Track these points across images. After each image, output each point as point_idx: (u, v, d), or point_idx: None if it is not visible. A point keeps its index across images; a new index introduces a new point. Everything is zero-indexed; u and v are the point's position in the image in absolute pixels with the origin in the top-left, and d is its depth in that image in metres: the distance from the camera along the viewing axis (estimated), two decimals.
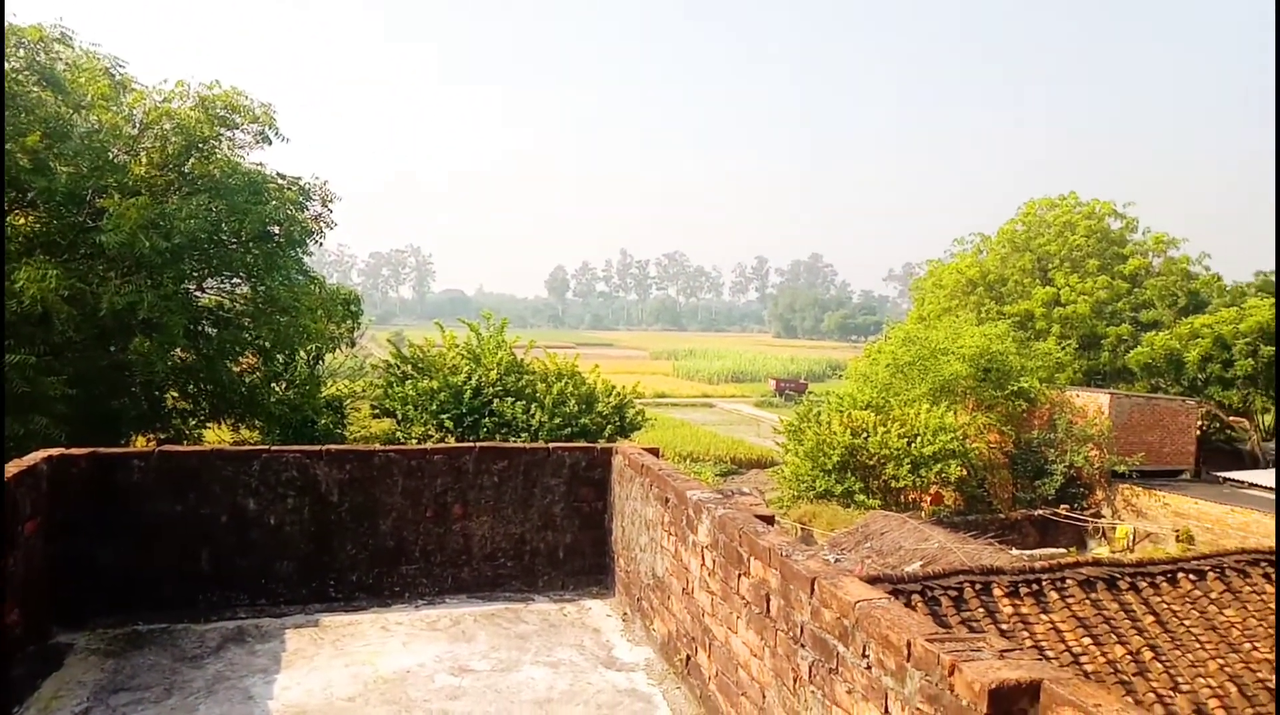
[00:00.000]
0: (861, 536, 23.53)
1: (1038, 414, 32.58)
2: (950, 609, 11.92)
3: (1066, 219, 41.94)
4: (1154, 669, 11.17)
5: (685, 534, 5.60)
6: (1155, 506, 29.35)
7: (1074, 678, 2.79)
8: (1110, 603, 12.25)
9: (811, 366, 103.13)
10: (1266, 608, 12.61)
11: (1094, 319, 39.30)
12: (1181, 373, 36.20)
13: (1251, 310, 35.08)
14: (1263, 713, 10.83)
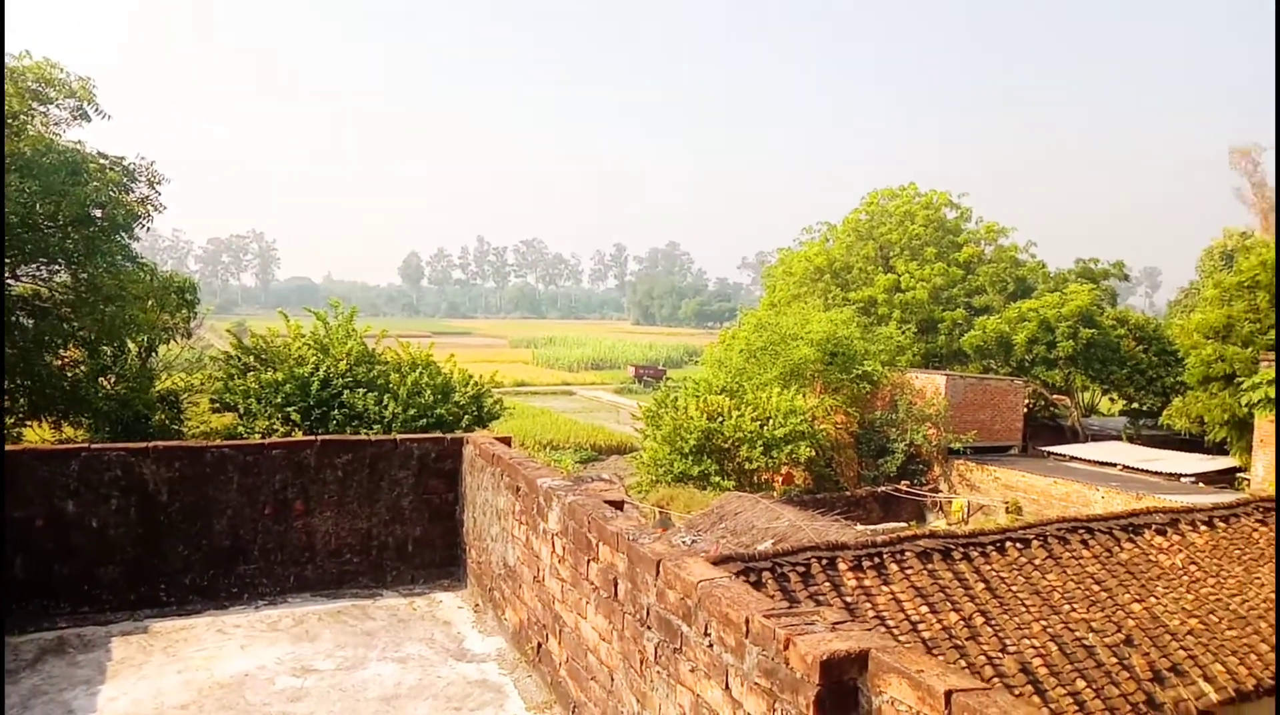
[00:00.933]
0: (717, 517, 24.12)
1: (880, 395, 34.26)
2: (799, 584, 12.37)
3: (906, 209, 44.22)
4: (984, 633, 11.97)
5: (536, 522, 5.54)
6: (987, 480, 31.45)
7: (899, 646, 2.92)
8: (945, 572, 13.03)
9: (670, 353, 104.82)
10: (1084, 571, 13.73)
11: (932, 304, 41.66)
12: (1010, 354, 38.88)
13: (1072, 295, 38.05)
14: (1080, 668, 11.80)
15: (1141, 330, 39.10)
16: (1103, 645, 12.11)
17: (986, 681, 11.04)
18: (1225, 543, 14.94)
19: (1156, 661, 12.07)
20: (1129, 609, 12.88)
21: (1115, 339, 37.68)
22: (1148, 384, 38.01)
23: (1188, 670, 12.10)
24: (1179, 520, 15.17)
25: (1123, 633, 12.40)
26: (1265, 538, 15.34)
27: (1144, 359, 37.86)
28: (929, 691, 2.57)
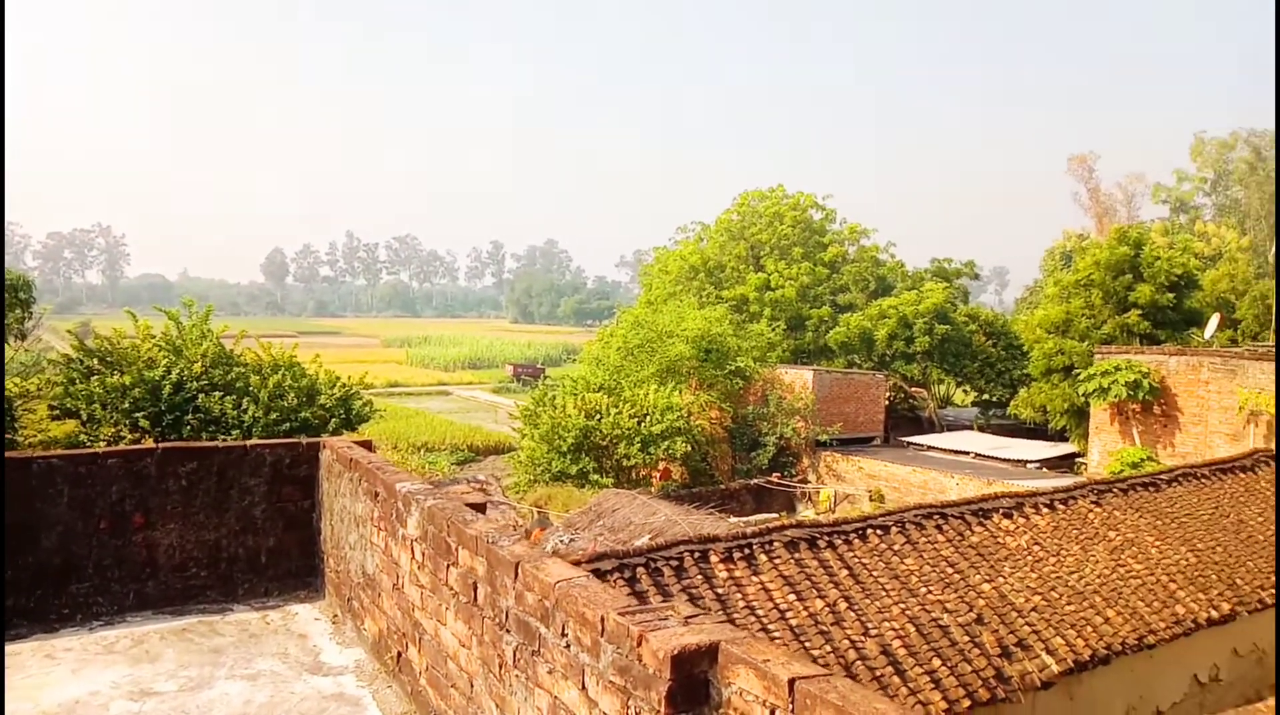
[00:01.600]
0: (595, 515, 24.16)
1: (752, 391, 35.13)
2: (672, 578, 12.52)
3: (775, 210, 45.50)
4: (848, 618, 12.43)
5: (395, 528, 5.38)
6: (852, 471, 32.72)
7: (748, 638, 2.97)
8: (811, 561, 13.46)
9: (549, 351, 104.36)
10: (938, 555, 14.44)
11: (800, 302, 43.00)
12: (872, 349, 40.58)
13: (928, 293, 40.02)
14: (936, 647, 12.41)
15: (991, 326, 41.54)
16: (956, 624, 12.77)
17: (850, 665, 11.47)
18: (1064, 523, 16.02)
19: (1004, 637, 12.82)
20: (979, 589, 13.63)
21: (967, 334, 39.89)
22: (997, 376, 40.41)
23: (1032, 644, 12.91)
24: (1024, 504, 16.16)
25: (974, 612, 13.11)
26: (1099, 518, 16.53)
27: (993, 353, 40.24)
28: (774, 680, 2.62)
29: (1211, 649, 15.31)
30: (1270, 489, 19.89)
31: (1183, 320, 32.03)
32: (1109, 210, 70.89)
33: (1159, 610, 14.50)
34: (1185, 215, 69.43)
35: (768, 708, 2.63)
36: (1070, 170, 72.83)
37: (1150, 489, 18.12)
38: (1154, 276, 31.24)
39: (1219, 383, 23.86)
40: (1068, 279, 34.55)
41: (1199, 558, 16.16)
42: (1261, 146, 69.49)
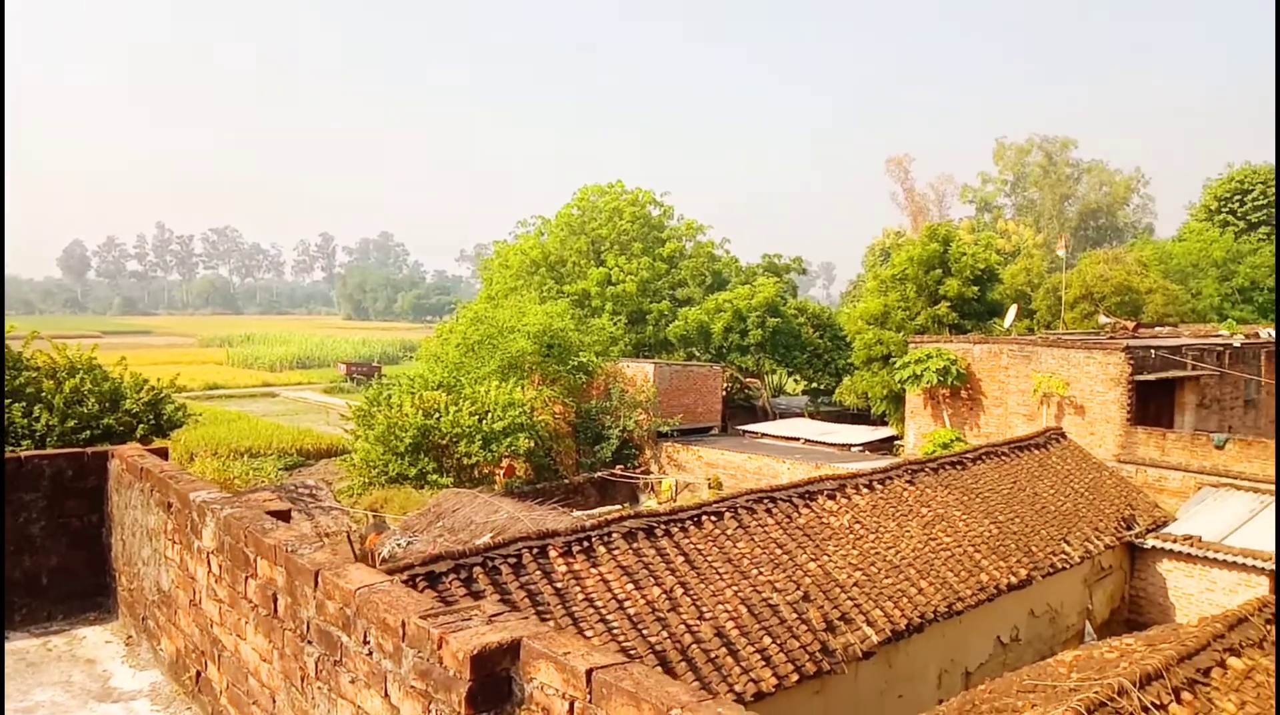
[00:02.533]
0: (434, 516, 23.57)
1: (595, 385, 35.32)
2: (510, 576, 12.40)
3: (615, 205, 45.89)
4: (684, 603, 12.70)
5: (190, 540, 5.02)
6: (692, 460, 33.51)
7: (551, 632, 2.95)
8: (649, 550, 13.67)
9: (385, 348, 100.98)
10: (769, 537, 14.99)
11: (640, 297, 43.60)
12: (710, 342, 41.69)
13: (761, 288, 41.50)
14: (766, 625, 12.88)
15: (818, 318, 43.61)
16: (785, 603, 13.32)
17: (686, 649, 11.73)
18: (882, 502, 17.02)
19: (829, 612, 13.48)
20: (806, 568, 14.27)
21: (797, 327, 41.69)
22: (824, 366, 42.48)
23: (854, 618, 13.64)
24: (846, 485, 17.05)
25: (801, 589, 13.71)
26: (913, 496, 17.67)
27: (820, 344, 42.25)
28: (572, 672, 2.61)
29: (1012, 612, 16.69)
30: (1060, 463, 21.90)
31: (986, 311, 34.70)
32: (923, 209, 75.82)
33: (966, 579, 15.65)
34: (989, 214, 75.24)
35: (567, 700, 2.62)
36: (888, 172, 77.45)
37: (957, 467, 19.54)
38: (961, 271, 33.67)
39: (1017, 368, 26.02)
40: (885, 274, 36.69)
41: (1000, 529, 17.57)
42: (1053, 151, 76.28)
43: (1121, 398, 23.26)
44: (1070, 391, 24.28)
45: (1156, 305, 43.71)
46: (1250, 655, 9.38)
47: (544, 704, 2.70)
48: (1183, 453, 22.31)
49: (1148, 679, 8.33)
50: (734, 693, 11.29)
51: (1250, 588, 17.91)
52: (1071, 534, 18.51)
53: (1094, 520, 19.47)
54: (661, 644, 11.72)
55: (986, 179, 77.40)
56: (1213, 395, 26.45)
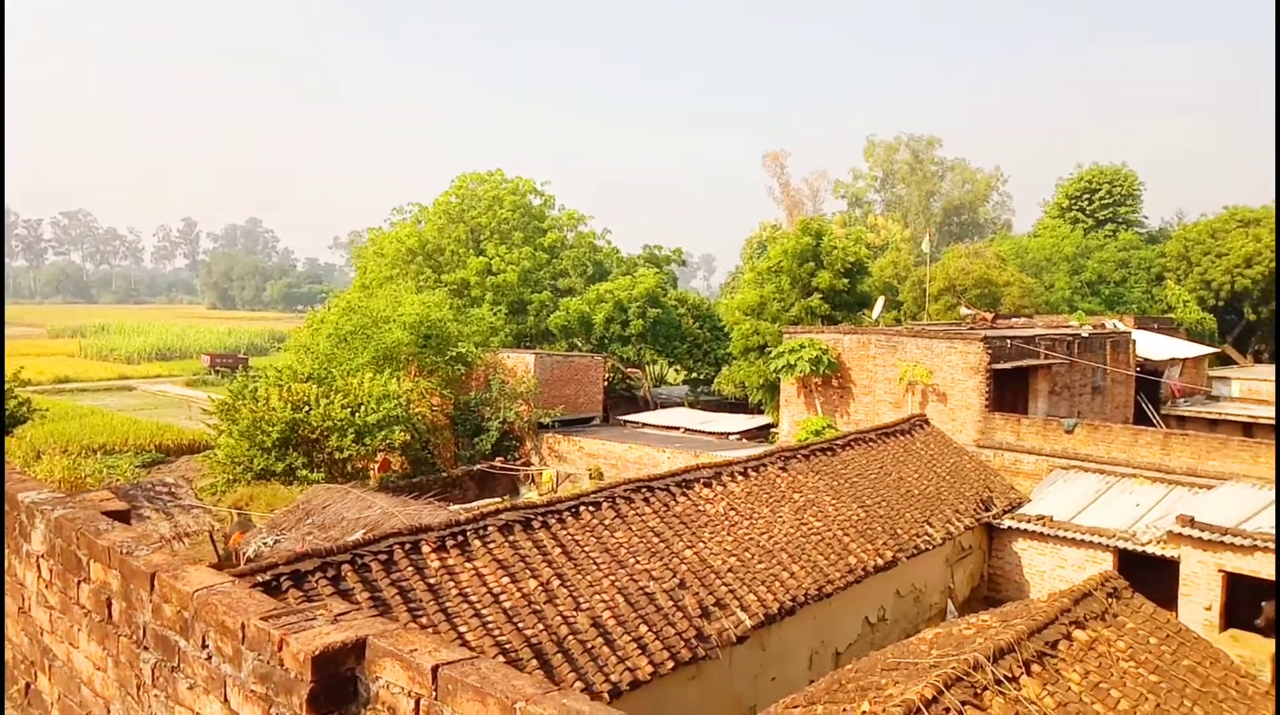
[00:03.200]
0: (303, 513, 22.70)
1: (475, 376, 34.77)
2: (381, 573, 12.06)
3: (495, 194, 45.26)
4: (561, 595, 12.66)
5: (19, 544, 4.63)
6: (574, 451, 33.45)
7: (399, 629, 2.84)
8: (526, 542, 13.56)
9: (253, 339, 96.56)
10: (646, 526, 15.10)
11: (521, 287, 43.18)
12: (591, 332, 41.70)
13: (641, 278, 41.76)
14: (643, 614, 12.98)
15: (698, 309, 44.27)
16: (661, 591, 13.46)
17: (562, 641, 11.68)
18: (756, 489, 17.43)
19: (704, 599, 13.70)
20: (682, 555, 14.46)
21: (678, 317, 42.21)
22: (704, 356, 43.18)
23: (729, 603, 13.92)
24: (721, 473, 17.37)
25: (677, 577, 13.89)
26: (786, 482, 18.16)
27: (700, 334, 42.93)
28: (418, 670, 2.52)
29: (879, 593, 17.39)
30: (924, 448, 22.95)
31: (856, 302, 36.00)
32: (798, 203, 77.97)
33: (835, 562, 16.21)
34: (860, 209, 78.06)
35: (413, 698, 2.53)
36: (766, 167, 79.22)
37: (828, 454, 20.21)
38: (832, 264, 34.80)
39: (884, 357, 27.11)
40: (762, 266, 37.56)
41: (867, 512, 18.27)
42: (919, 149, 79.75)
43: (980, 385, 24.55)
44: (934, 380, 25.46)
45: (1013, 297, 46.38)
46: (1094, 627, 10.05)
47: (390, 703, 2.60)
48: (1036, 437, 23.74)
49: (1001, 653, 8.82)
50: (610, 682, 11.34)
51: (1096, 563, 19.24)
52: (934, 516, 19.44)
53: (955, 502, 20.50)
54: (537, 637, 11.64)
55: (858, 175, 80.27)
56: (1063, 382, 28.26)
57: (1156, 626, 10.36)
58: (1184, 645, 10.18)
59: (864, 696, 8.45)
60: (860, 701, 8.26)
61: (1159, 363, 33.89)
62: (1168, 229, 64.76)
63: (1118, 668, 9.23)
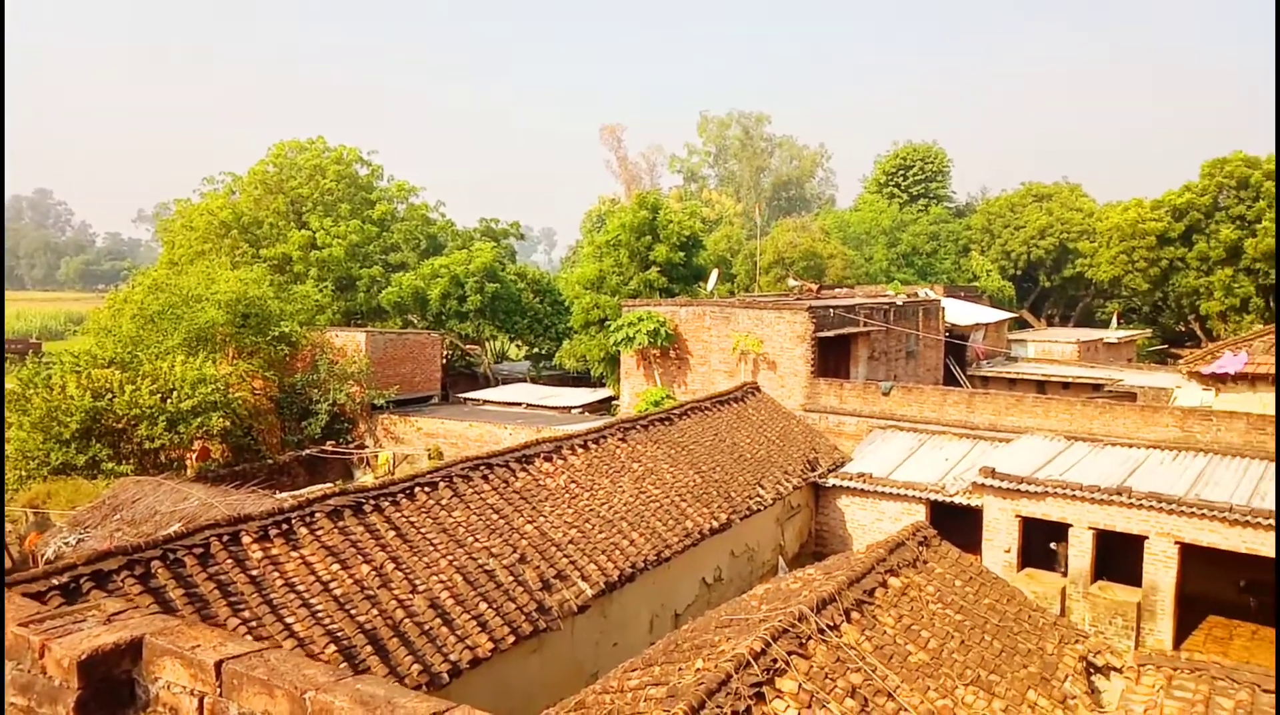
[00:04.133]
0: (110, 509, 20.97)
1: (300, 357, 33.10)
2: (196, 568, 11.29)
3: (317, 163, 42.99)
4: (395, 578, 12.29)
5: None
6: (411, 431, 32.53)
7: (180, 626, 2.61)
8: (357, 527, 13.06)
9: (46, 322, 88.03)
10: (485, 504, 14.87)
11: (349, 261, 41.37)
12: (426, 308, 40.56)
13: (478, 252, 40.91)
14: (483, 591, 12.80)
15: (538, 283, 43.93)
16: (501, 567, 13.33)
17: (398, 624, 11.36)
18: (596, 461, 17.53)
19: (545, 572, 13.69)
20: (522, 530, 14.37)
21: (517, 292, 41.72)
22: (545, 331, 42.96)
23: (570, 574, 13.97)
24: (562, 446, 17.36)
25: (518, 552, 13.79)
26: (625, 452, 18.38)
27: (541, 309, 42.64)
28: (200, 667, 2.32)
29: (714, 554, 17.96)
30: (756, 414, 23.78)
31: (691, 275, 36.76)
32: (636, 178, 78.68)
33: (673, 527, 16.58)
34: (695, 184, 79.66)
35: (196, 696, 2.33)
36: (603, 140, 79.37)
37: (666, 423, 20.60)
38: (669, 237, 35.33)
39: (718, 328, 27.85)
40: (601, 240, 37.63)
41: (703, 478, 18.78)
42: (749, 126, 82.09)
43: (806, 353, 25.67)
44: (764, 349, 26.40)
45: (837, 269, 48.75)
46: (906, 574, 10.74)
47: (171, 703, 2.39)
48: (857, 400, 25.10)
49: (823, 604, 9.27)
50: (449, 662, 11.14)
51: (911, 515, 20.62)
52: (765, 478, 20.22)
53: (784, 464, 21.40)
54: (372, 622, 11.27)
55: (692, 150, 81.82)
56: (881, 348, 29.99)
57: (961, 570, 11.20)
58: (985, 585, 11.06)
59: (699, 654, 8.68)
60: (695, 659, 8.48)
61: (965, 328, 36.58)
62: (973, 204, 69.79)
63: (927, 610, 9.91)
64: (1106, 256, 49.28)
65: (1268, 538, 16.14)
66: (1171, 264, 46.59)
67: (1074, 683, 9.58)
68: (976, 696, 8.76)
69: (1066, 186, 59.64)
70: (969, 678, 9.01)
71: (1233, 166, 44.44)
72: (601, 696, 8.50)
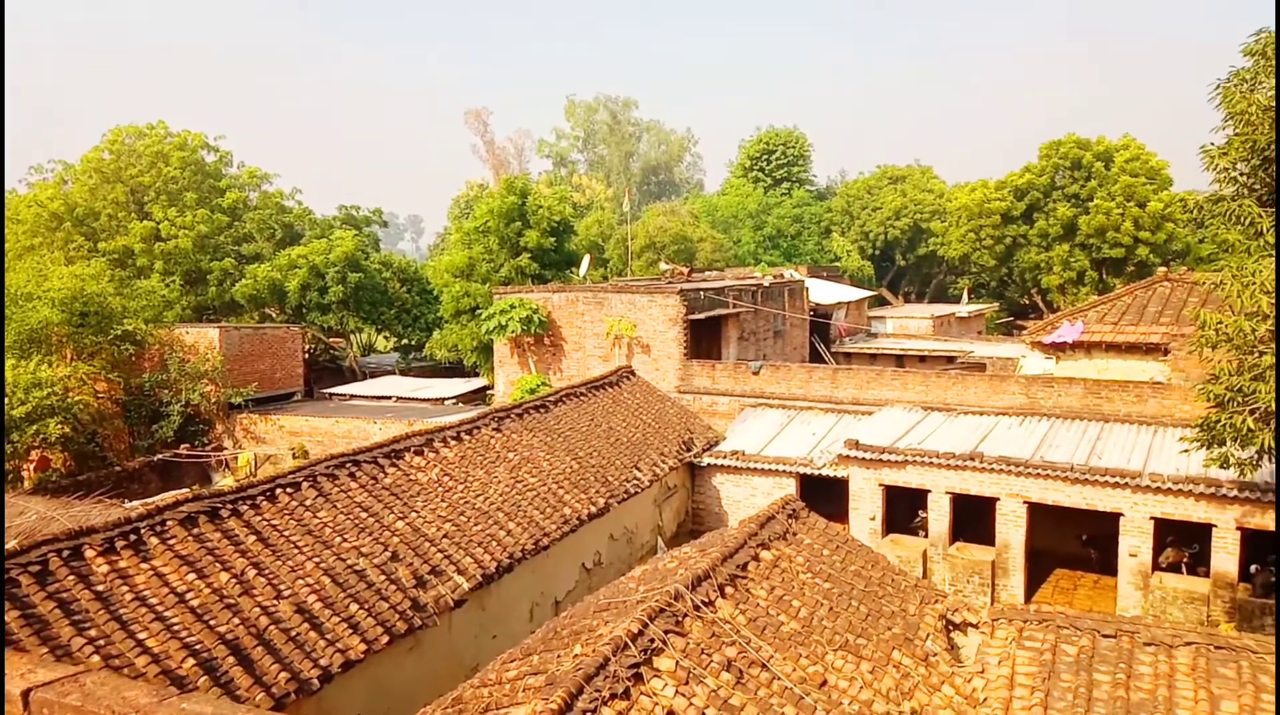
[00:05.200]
0: None
1: (148, 356, 31.07)
2: (34, 587, 10.42)
3: (158, 149, 40.28)
4: (258, 584, 11.70)
5: None
6: (273, 430, 31.09)
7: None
8: (214, 533, 12.35)
9: None
10: (353, 502, 14.34)
11: (198, 253, 39.06)
12: (285, 301, 38.78)
13: (339, 241, 39.35)
14: (353, 592, 12.36)
15: (404, 272, 42.70)
16: (372, 566, 12.91)
17: (262, 632, 10.84)
18: (470, 452, 17.22)
19: (419, 568, 13.35)
20: (394, 527, 13.96)
21: (382, 282, 40.43)
22: (414, 321, 41.84)
23: (445, 569, 13.68)
24: (433, 439, 16.95)
25: (389, 550, 13.39)
26: (500, 442, 18.12)
27: (408, 299, 41.49)
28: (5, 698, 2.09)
29: (593, 539, 17.98)
30: (631, 398, 23.92)
31: (564, 261, 36.55)
32: (503, 162, 77.55)
33: (551, 515, 16.48)
34: (565, 169, 79.21)
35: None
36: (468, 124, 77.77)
37: (541, 411, 20.44)
38: (539, 223, 34.99)
39: (592, 313, 27.82)
40: (469, 226, 36.90)
41: (580, 463, 18.75)
42: (617, 110, 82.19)
43: (679, 336, 25.98)
44: (638, 332, 26.56)
45: (707, 252, 49.52)
46: (777, 547, 11.02)
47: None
48: (729, 380, 25.61)
49: (698, 581, 9.40)
50: (319, 667, 10.73)
51: (782, 489, 21.23)
52: (642, 461, 20.38)
53: (660, 446, 21.63)
54: (234, 632, 10.71)
55: (560, 135, 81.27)
56: (750, 329, 30.69)
57: (829, 540, 11.59)
58: (851, 553, 11.48)
59: (577, 640, 8.65)
60: (573, 645, 8.45)
61: (829, 307, 37.90)
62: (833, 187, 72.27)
63: (798, 580, 10.21)
64: (956, 235, 51.99)
65: (1104, 494, 17.45)
66: (1015, 241, 49.58)
67: (934, 640, 10.08)
68: (845, 660, 9.09)
69: (919, 169, 62.48)
70: (838, 643, 9.34)
71: (1066, 148, 47.60)
72: (480, 690, 8.36)
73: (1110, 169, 46.48)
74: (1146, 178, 45.63)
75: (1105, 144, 47.21)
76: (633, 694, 7.50)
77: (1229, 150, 11.28)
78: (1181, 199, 12.37)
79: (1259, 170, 11.19)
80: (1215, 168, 11.50)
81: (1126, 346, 22.71)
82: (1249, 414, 10.49)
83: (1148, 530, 17.27)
